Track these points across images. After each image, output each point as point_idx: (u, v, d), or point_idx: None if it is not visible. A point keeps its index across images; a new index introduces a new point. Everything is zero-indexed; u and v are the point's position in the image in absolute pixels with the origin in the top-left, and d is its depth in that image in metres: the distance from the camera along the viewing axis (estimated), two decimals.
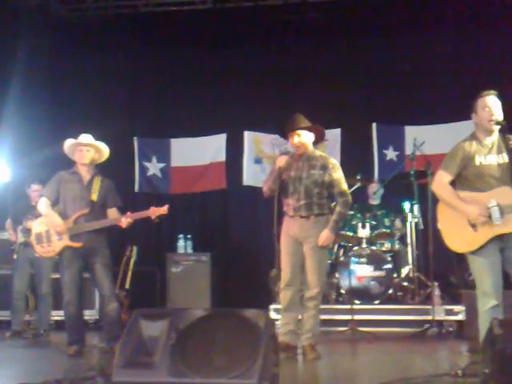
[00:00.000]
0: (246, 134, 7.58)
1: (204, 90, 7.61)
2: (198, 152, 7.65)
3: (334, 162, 4.59)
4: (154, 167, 7.71)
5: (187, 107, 7.59)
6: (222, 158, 7.63)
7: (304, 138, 4.51)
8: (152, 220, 4.76)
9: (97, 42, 7.34)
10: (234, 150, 7.57)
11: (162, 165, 7.71)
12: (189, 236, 7.09)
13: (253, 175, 7.49)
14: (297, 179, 4.48)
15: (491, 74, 6.56)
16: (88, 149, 4.83)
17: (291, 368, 4.21)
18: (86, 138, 4.86)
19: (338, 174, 4.53)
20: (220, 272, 6.98)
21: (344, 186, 4.55)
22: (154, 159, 7.72)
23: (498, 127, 3.68)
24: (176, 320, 2.73)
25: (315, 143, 4.65)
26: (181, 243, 7.02)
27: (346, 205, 4.52)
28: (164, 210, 4.75)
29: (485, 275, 3.62)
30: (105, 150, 4.91)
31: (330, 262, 6.49)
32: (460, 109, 4.58)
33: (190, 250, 7.03)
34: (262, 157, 7.62)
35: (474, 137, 3.82)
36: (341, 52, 7.47)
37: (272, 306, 5.77)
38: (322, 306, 5.66)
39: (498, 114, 3.70)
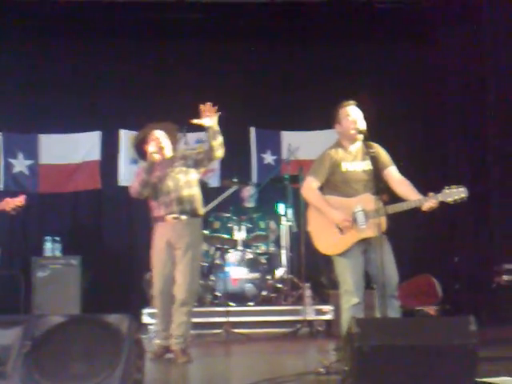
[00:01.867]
0: (123, 133, 7.36)
1: (78, 84, 7.27)
2: (70, 149, 7.29)
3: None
4: (20, 164, 7.23)
5: (58, 101, 7.21)
6: (96, 156, 7.34)
7: (163, 141, 4.52)
8: (7, 212, 4.46)
9: None
10: (110, 149, 7.32)
11: (29, 162, 7.23)
12: (57, 238, 6.73)
13: (129, 175, 7.25)
14: (163, 177, 4.46)
15: (354, 85, 6.88)
16: None
17: (162, 372, 4.15)
18: None
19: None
20: (91, 276, 6.69)
21: None
22: (21, 156, 7.23)
23: (361, 136, 3.86)
24: (31, 327, 2.57)
25: (173, 144, 4.66)
26: (48, 246, 6.63)
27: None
28: (20, 200, 4.45)
29: (348, 275, 3.79)
30: None
31: (206, 264, 6.50)
32: (332, 116, 4.77)
33: (58, 253, 6.65)
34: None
35: (340, 144, 3.99)
36: (221, 55, 7.50)
37: (145, 310, 5.69)
38: (197, 309, 5.69)
39: (361, 123, 3.89)
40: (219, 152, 4.41)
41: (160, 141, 4.50)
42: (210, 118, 4.32)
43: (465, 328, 2.93)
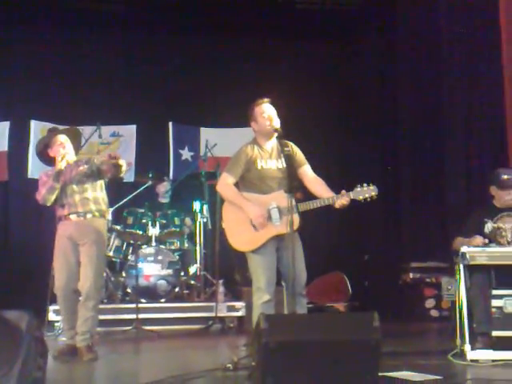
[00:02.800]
0: (33, 124, 7.08)
1: None
2: None
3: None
4: None
5: None
6: (4, 147, 7.03)
7: (67, 146, 4.48)
8: None
9: None
10: (19, 140, 7.03)
11: None
12: None
13: (39, 168, 7.02)
14: (68, 180, 4.42)
15: (273, 83, 6.94)
16: None
17: (66, 371, 4.03)
18: None
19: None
20: None
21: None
22: None
23: (276, 134, 3.90)
24: None
25: (76, 148, 4.63)
26: None
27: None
28: None
29: (260, 272, 3.81)
30: None
31: (117, 260, 6.38)
32: (248, 114, 4.79)
33: None
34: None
35: (255, 142, 4.01)
36: (140, 48, 7.38)
37: (52, 307, 5.52)
38: (107, 306, 5.59)
39: (276, 121, 3.93)
40: (123, 173, 4.45)
41: (64, 145, 4.46)
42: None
43: (369, 324, 3.00)
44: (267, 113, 3.92)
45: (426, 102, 6.97)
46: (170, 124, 7.57)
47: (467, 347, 3.85)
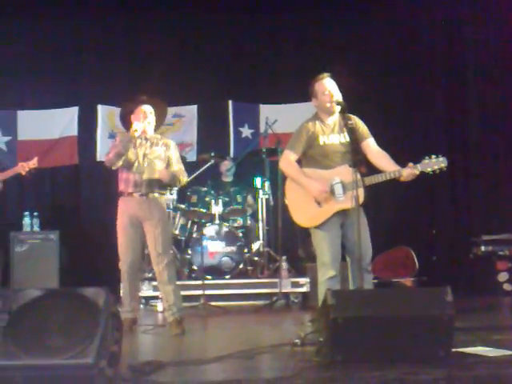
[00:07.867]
0: (100, 108, 7.29)
1: (55, 60, 7.15)
2: (48, 125, 7.20)
3: (174, 142, 4.67)
4: None
5: (36, 78, 7.11)
6: (74, 132, 7.26)
7: (149, 117, 4.49)
8: (23, 176, 4.96)
9: None
10: (88, 124, 7.25)
11: (7, 138, 7.17)
12: (36, 213, 6.65)
13: (107, 151, 7.22)
14: (140, 155, 4.46)
15: (331, 56, 6.84)
16: None
17: (137, 344, 4.16)
18: None
19: (178, 154, 4.63)
20: (70, 251, 6.65)
21: (181, 165, 4.62)
22: None
23: (339, 107, 3.84)
24: (8, 301, 2.56)
25: (160, 121, 4.66)
26: (27, 221, 6.56)
27: (180, 179, 4.56)
28: (34, 162, 4.83)
29: (325, 248, 3.80)
30: None
31: (183, 238, 6.51)
32: (308, 90, 4.75)
33: (36, 228, 6.58)
34: (117, 132, 7.39)
35: (317, 117, 3.97)
36: (197, 28, 7.41)
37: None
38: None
39: (337, 95, 3.88)
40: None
41: (147, 115, 4.47)
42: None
43: (441, 299, 2.96)
44: (328, 89, 3.88)
45: (494, 64, 6.71)
46: (230, 102, 7.60)
47: None
